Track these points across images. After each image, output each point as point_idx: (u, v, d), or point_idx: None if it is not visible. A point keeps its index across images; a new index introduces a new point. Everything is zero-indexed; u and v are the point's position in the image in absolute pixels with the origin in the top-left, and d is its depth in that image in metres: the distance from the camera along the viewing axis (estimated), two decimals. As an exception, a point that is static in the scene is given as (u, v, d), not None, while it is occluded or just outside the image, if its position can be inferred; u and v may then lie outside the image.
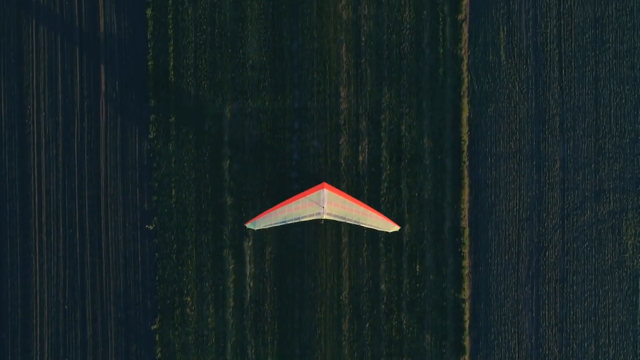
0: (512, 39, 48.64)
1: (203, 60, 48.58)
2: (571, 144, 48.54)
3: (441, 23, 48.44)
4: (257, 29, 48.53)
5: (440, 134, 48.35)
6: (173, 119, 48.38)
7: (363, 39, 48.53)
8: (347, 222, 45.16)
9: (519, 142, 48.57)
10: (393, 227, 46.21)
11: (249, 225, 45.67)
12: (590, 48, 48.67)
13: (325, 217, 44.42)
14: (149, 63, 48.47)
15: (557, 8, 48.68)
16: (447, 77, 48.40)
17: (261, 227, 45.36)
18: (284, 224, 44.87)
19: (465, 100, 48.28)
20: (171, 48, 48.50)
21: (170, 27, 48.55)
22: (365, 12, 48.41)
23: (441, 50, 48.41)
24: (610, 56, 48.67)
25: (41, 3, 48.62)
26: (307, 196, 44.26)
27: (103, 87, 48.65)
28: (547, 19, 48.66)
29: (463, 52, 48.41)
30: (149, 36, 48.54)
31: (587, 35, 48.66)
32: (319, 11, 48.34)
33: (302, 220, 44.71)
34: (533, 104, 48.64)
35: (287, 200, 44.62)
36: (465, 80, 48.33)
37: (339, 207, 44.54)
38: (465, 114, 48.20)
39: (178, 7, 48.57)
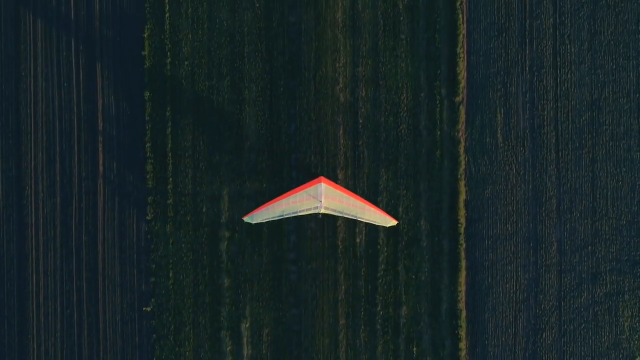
0: (509, 121, 48.78)
1: (201, 142, 48.69)
2: (568, 225, 48.65)
3: (438, 105, 48.58)
4: (255, 111, 48.67)
5: (438, 216, 48.46)
6: (170, 200, 48.48)
7: (361, 121, 48.68)
8: (345, 216, 45.10)
9: (516, 224, 48.68)
10: (391, 222, 46.26)
11: (246, 219, 45.71)
12: (587, 130, 48.82)
13: (322, 211, 44.31)
14: (147, 145, 48.59)
15: (554, 91, 48.84)
16: (444, 159, 48.52)
17: (258, 221, 45.35)
18: (281, 217, 44.87)
19: (462, 183, 48.40)
20: (169, 130, 48.62)
21: (169, 108, 48.67)
22: (363, 95, 48.56)
23: (438, 133, 48.55)
24: (607, 138, 48.82)
25: (40, 85, 48.69)
26: (305, 190, 44.22)
27: (101, 168, 48.76)
28: (544, 102, 48.81)
29: (460, 134, 48.55)
30: (147, 118, 48.67)
31: (583, 118, 48.82)
32: (317, 93, 48.48)
33: (300, 214, 44.58)
34: (530, 186, 48.76)
35: (284, 195, 44.64)
36: (463, 162, 48.46)
37: (336, 201, 44.54)
38: (462, 197, 48.31)
39: (176, 88, 48.69)
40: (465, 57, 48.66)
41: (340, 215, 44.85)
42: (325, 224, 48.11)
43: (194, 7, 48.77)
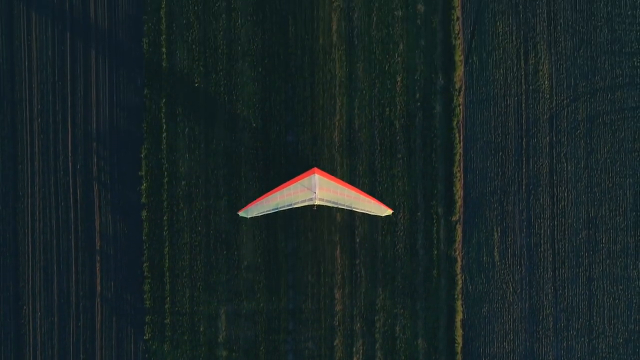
0: (506, 240, 48.89)
1: (198, 262, 48.79)
2: (565, 344, 48.74)
3: (435, 224, 48.68)
4: (251, 230, 48.75)
5: (435, 335, 48.55)
6: (168, 320, 48.56)
7: (357, 240, 48.76)
8: (340, 207, 45.24)
9: (513, 342, 48.77)
10: (386, 211, 46.32)
11: (241, 213, 45.76)
12: (583, 249, 48.91)
13: (317, 202, 44.44)
14: (145, 264, 48.67)
15: (550, 209, 48.95)
16: (441, 278, 48.62)
17: (254, 215, 45.43)
18: (276, 210, 44.91)
19: (459, 303, 48.48)
20: (166, 249, 48.71)
21: (166, 228, 48.77)
22: (360, 214, 48.60)
23: (435, 252, 48.65)
24: (604, 256, 48.91)
25: (38, 204, 48.80)
26: (299, 182, 44.21)
27: (98, 288, 48.84)
28: (541, 220, 48.91)
29: (457, 253, 48.64)
30: (144, 237, 48.76)
31: (580, 236, 48.91)
32: (314, 214, 48.53)
33: (295, 206, 44.70)
34: (527, 304, 48.85)
35: (278, 187, 44.66)
36: (459, 282, 48.55)
37: (330, 192, 44.63)
38: (459, 316, 48.40)
39: (173, 208, 48.79)
40: (462, 176, 48.77)
41: (335, 206, 44.98)
42: (322, 347, 48.11)
43: (190, 126, 48.86)
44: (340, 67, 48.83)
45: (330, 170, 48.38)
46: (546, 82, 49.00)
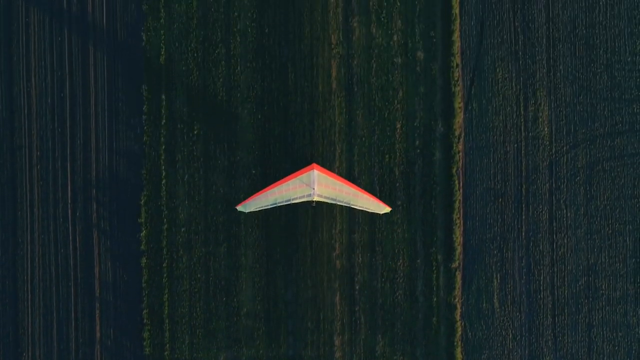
0: (506, 287, 48.87)
1: (197, 308, 48.79)
2: (564, 390, 48.83)
3: (435, 271, 48.67)
4: (251, 277, 48.75)
5: (434, 382, 48.66)
6: (168, 367, 48.69)
7: (357, 287, 48.75)
8: (338, 203, 45.18)
9: (513, 389, 48.85)
10: (384, 209, 46.25)
11: (239, 208, 45.74)
12: (583, 295, 48.88)
13: (315, 198, 44.30)
14: (144, 311, 48.66)
15: (550, 256, 48.93)
16: (440, 325, 48.61)
17: (252, 210, 45.37)
18: (274, 205, 44.83)
19: (459, 350, 48.48)
20: (166, 296, 48.71)
21: (165, 275, 48.76)
22: (360, 261, 48.65)
23: (435, 299, 48.63)
24: (603, 303, 48.89)
25: (37, 251, 48.81)
26: (298, 177, 44.17)
27: (98, 335, 48.85)
28: (540, 267, 48.89)
29: (456, 300, 48.63)
30: (143, 284, 48.75)
31: (580, 283, 48.89)
32: (313, 260, 48.56)
33: (293, 202, 44.60)
34: (526, 351, 48.83)
35: (277, 182, 44.66)
36: (459, 329, 48.53)
37: (329, 188, 44.56)
38: (459, 363, 48.52)
39: (173, 255, 48.79)
40: (462, 223, 48.75)
41: (334, 202, 44.96)
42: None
43: (190, 173, 48.85)
44: (339, 113, 48.81)
45: (330, 215, 48.41)
46: (546, 129, 48.99)
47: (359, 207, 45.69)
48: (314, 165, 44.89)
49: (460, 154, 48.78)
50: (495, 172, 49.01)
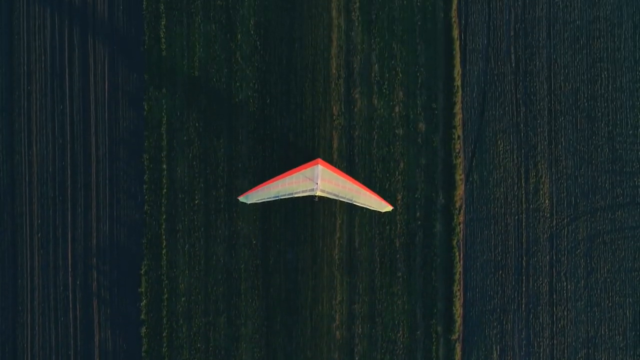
0: (505, 359, 48.83)
1: (197, 378, 48.89)
2: None
3: (434, 343, 48.66)
4: (251, 347, 48.74)
5: None
6: None
7: (357, 358, 48.75)
8: (340, 199, 45.27)
9: None
10: (386, 207, 46.37)
11: (241, 198, 45.80)
12: (582, 368, 49.01)
13: (318, 193, 44.38)
14: (144, 380, 48.76)
15: (550, 328, 48.93)
16: (440, 397, 48.71)
17: (254, 201, 45.41)
18: (276, 198, 44.90)
19: (458, 421, 48.60)
20: (165, 366, 48.82)
21: (165, 345, 48.74)
22: (360, 331, 48.67)
23: (434, 370, 48.76)
24: (603, 375, 49.00)
25: (37, 316, 48.80)
26: (301, 172, 44.18)
27: (97, 403, 48.93)
28: (540, 339, 48.90)
29: (456, 371, 48.78)
30: (143, 354, 48.73)
31: (579, 355, 48.92)
32: (313, 331, 48.58)
33: (296, 195, 44.64)
34: (525, 423, 48.96)
35: (280, 175, 44.66)
36: (458, 401, 48.68)
37: (332, 184, 44.61)
38: None
39: (172, 324, 48.78)
40: (462, 295, 48.75)
41: (336, 198, 45.07)
42: None
43: (191, 243, 48.86)
44: (340, 185, 48.82)
45: (331, 286, 48.42)
46: (547, 201, 48.99)
47: (361, 204, 45.73)
48: (319, 160, 44.89)
49: (461, 225, 48.78)
50: (495, 244, 49.02)
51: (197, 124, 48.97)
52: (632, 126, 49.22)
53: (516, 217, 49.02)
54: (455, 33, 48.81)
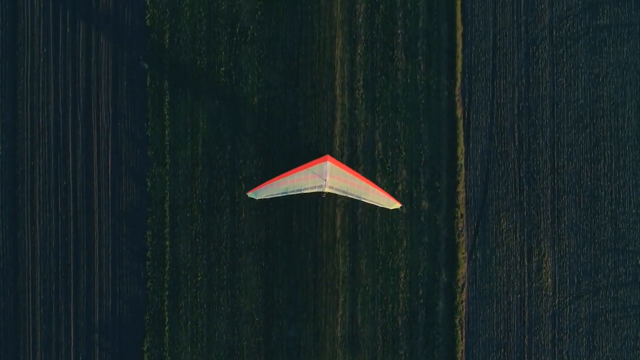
0: None
1: None
2: None
3: (436, 421, 48.80)
4: None
5: None
6: None
7: None
8: (349, 196, 45.32)
9: None
10: (394, 204, 46.48)
11: (250, 194, 45.89)
12: None
13: (327, 190, 44.49)
14: None
15: (552, 406, 49.08)
16: None
17: (262, 197, 45.50)
18: (285, 194, 44.99)
19: None
20: None
21: (167, 421, 48.88)
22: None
23: None
24: None
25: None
26: (310, 168, 44.31)
27: None
28: (542, 417, 49.04)
29: None
30: None
31: None
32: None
33: (304, 192, 44.81)
34: None
35: (289, 172, 44.75)
36: None
37: (341, 180, 44.70)
38: None
39: (175, 401, 48.97)
40: (464, 373, 48.88)
41: (344, 195, 45.23)
42: None
43: (193, 319, 48.87)
44: (343, 262, 48.83)
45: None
46: (549, 280, 49.01)
47: (370, 201, 45.83)
48: (327, 156, 44.93)
49: (464, 303, 48.80)
50: (498, 322, 49.03)
51: (200, 201, 48.98)
52: (635, 205, 49.24)
53: (518, 296, 49.04)
54: (459, 112, 48.85)
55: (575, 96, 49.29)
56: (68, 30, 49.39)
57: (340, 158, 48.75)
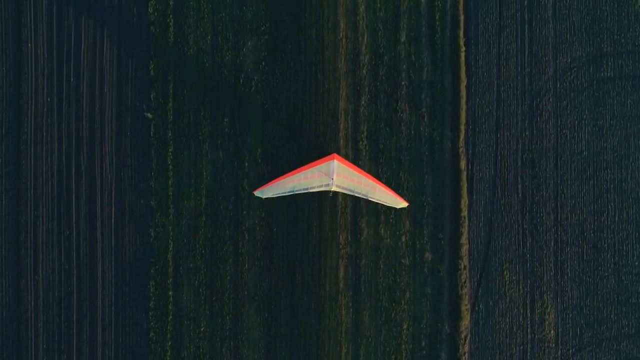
0: None
1: None
2: None
3: None
4: None
5: None
6: None
7: None
8: (356, 195, 45.17)
9: None
10: (401, 203, 46.37)
11: (257, 193, 45.88)
12: None
13: (334, 189, 44.35)
14: None
15: None
16: None
17: (269, 196, 45.38)
18: (292, 193, 44.87)
19: None
20: None
21: None
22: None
23: None
24: None
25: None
26: (317, 166, 44.13)
27: None
28: None
29: None
30: None
31: None
32: None
33: (311, 190, 44.62)
34: None
35: (296, 170, 44.64)
36: None
37: (348, 179, 44.57)
38: None
39: None
40: None
41: (351, 194, 45.08)
42: None
43: (196, 370, 48.99)
44: (346, 313, 48.82)
45: (335, 413, 48.61)
46: (552, 332, 49.00)
47: (377, 200, 45.68)
48: (334, 155, 44.83)
49: (466, 355, 48.78)
50: (500, 375, 49.07)
51: (203, 251, 48.97)
52: (638, 257, 49.25)
53: (521, 347, 49.02)
54: (463, 163, 48.84)
55: (579, 148, 49.31)
56: (72, 79, 49.40)
57: (344, 209, 48.77)
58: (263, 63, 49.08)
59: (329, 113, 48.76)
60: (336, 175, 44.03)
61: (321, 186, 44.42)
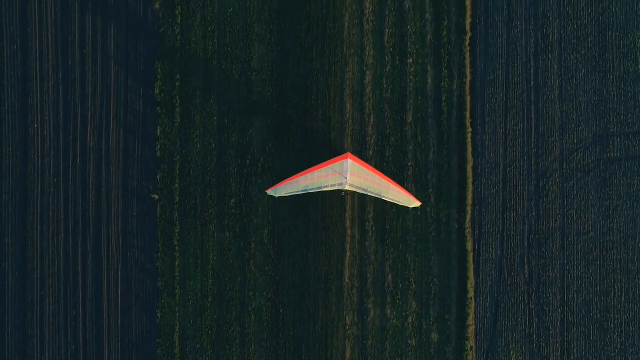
0: None
1: None
2: None
3: None
4: None
5: None
6: None
7: None
8: (369, 194, 45.15)
9: None
10: (414, 203, 46.50)
11: (269, 192, 45.85)
12: None
13: (347, 188, 44.27)
14: None
15: None
16: None
17: (282, 195, 45.25)
18: (305, 192, 44.76)
19: None
20: None
21: None
22: None
23: None
24: None
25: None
26: (330, 165, 44.06)
27: None
28: None
29: None
30: None
31: None
32: None
33: (324, 189, 44.50)
34: None
35: (309, 169, 44.53)
36: None
37: (361, 178, 44.49)
38: None
39: None
40: None
41: (365, 193, 45.08)
42: None
43: None
44: (353, 394, 48.93)
45: None
46: (558, 411, 49.05)
47: (390, 199, 45.66)
48: (348, 154, 44.74)
49: None
50: None
51: (209, 332, 48.96)
52: (645, 309, 49.33)
53: None
54: (469, 244, 48.85)
55: (586, 229, 49.30)
56: (79, 160, 49.42)
57: (350, 290, 48.78)
58: (269, 144, 49.10)
59: (336, 193, 48.74)
60: (350, 174, 43.86)
61: (335, 185, 44.28)
